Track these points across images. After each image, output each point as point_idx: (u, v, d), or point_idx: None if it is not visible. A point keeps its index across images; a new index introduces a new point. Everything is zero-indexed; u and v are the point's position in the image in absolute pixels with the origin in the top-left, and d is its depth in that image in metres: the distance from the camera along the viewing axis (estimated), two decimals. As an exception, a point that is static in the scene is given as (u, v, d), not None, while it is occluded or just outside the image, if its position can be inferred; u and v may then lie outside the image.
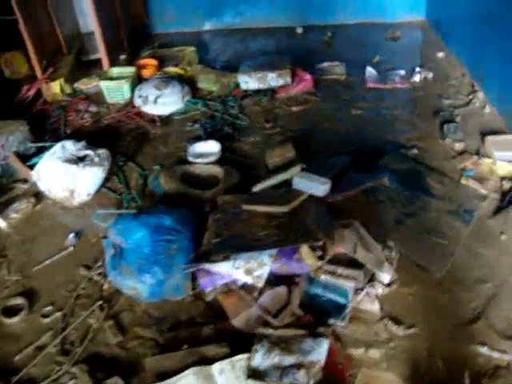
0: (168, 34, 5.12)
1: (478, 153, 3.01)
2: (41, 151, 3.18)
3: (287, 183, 2.64)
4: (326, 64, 4.05)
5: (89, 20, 4.41)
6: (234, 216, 2.40)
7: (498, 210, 2.60)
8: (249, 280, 2.08)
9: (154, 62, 4.13)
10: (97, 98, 4.00)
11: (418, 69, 3.89)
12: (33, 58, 4.11)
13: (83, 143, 3.08)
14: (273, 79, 3.64)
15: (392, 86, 3.75)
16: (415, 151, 3.07)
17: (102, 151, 3.04)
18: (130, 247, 2.28)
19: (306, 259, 2.05)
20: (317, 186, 2.39)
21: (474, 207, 2.61)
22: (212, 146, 3.13)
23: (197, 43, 4.74)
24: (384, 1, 4.83)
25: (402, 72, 3.90)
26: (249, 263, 2.08)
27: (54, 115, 3.84)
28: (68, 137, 3.38)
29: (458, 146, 3.09)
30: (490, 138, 3.05)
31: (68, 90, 4.12)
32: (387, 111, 3.49)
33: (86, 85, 4.12)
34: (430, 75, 3.87)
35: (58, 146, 2.98)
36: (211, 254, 2.12)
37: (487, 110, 3.40)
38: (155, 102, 3.63)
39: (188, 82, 3.97)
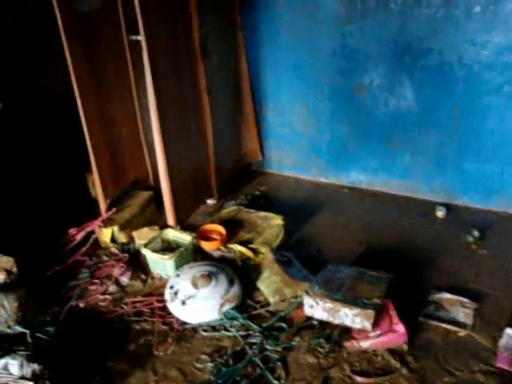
0: (282, 177, 4.19)
1: None
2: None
3: None
4: (445, 296, 2.69)
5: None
6: None
7: None
8: None
9: (221, 230, 3.19)
10: (145, 261, 3.16)
11: None
12: (98, 191, 3.45)
13: (36, 367, 2.22)
14: (346, 316, 2.42)
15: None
16: None
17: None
18: None
19: None
20: None
21: None
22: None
23: (305, 198, 3.86)
24: None
25: None
26: None
27: (81, 277, 3.08)
28: (73, 314, 2.80)
29: None
30: None
31: (123, 238, 3.37)
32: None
33: (142, 237, 3.32)
34: None
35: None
36: None
37: None
38: (184, 302, 2.64)
39: (252, 272, 2.93)
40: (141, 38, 2.94)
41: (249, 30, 3.72)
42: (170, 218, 3.34)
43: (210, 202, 3.78)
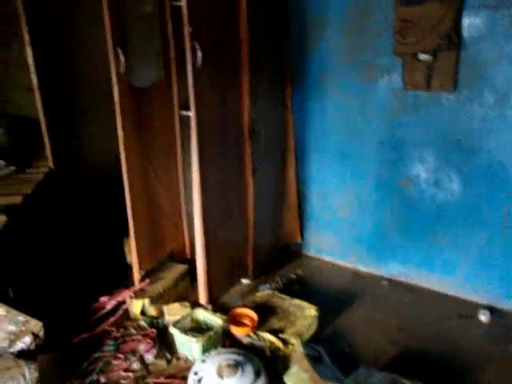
0: (320, 261, 4.12)
1: None
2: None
3: None
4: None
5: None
6: None
7: None
8: None
9: (253, 315, 3.11)
10: (172, 339, 3.08)
11: None
12: (134, 261, 3.44)
13: None
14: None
15: None
16: None
17: None
18: None
19: None
20: None
21: None
22: None
23: (342, 287, 3.75)
24: None
25: None
26: None
27: (105, 349, 3.02)
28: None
29: None
30: None
31: (153, 312, 3.32)
32: None
33: (172, 313, 3.27)
34: None
35: None
36: None
37: None
38: (206, 394, 2.54)
39: (279, 365, 2.81)
40: (191, 113, 2.98)
41: (298, 112, 3.74)
42: (203, 296, 3.28)
43: (244, 281, 3.72)
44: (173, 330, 2.96)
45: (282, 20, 3.51)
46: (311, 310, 3.18)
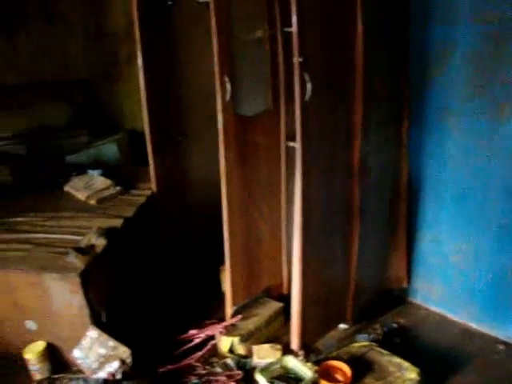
0: (426, 311, 3.75)
1: None
2: None
3: None
4: None
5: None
6: None
7: None
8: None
9: (346, 370, 2.85)
10: None
11: None
12: (227, 296, 3.34)
13: None
14: None
15: None
16: None
17: None
18: None
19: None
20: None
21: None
22: None
23: (449, 345, 3.34)
24: None
25: None
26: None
27: (189, 388, 2.92)
28: None
29: None
30: None
31: (241, 350, 3.20)
32: None
33: (261, 355, 3.12)
34: None
35: None
36: None
37: None
38: None
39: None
40: (297, 145, 2.80)
41: (413, 149, 3.45)
42: (295, 341, 3.09)
43: (342, 326, 3.47)
44: (258, 377, 2.79)
45: (402, 49, 3.24)
46: (412, 373, 2.86)
